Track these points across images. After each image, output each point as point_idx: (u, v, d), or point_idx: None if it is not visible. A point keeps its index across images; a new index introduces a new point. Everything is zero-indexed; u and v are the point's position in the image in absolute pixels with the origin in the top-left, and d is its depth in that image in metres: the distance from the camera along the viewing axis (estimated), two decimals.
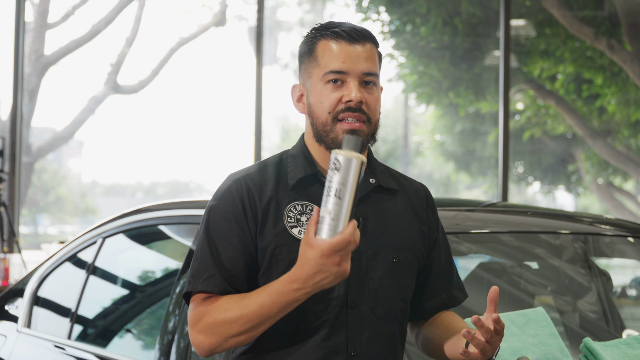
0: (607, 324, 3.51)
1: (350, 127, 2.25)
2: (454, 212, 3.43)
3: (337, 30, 2.28)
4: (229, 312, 2.16)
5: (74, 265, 4.16)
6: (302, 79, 2.34)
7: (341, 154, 2.06)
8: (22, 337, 4.13)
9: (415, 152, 17.80)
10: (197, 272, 2.24)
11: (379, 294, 2.27)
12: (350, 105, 2.25)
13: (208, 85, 14.95)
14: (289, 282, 2.10)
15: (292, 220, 2.25)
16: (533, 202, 17.96)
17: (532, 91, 13.45)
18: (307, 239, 2.06)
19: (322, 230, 2.05)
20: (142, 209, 3.80)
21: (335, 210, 2.04)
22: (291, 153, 2.36)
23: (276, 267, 2.22)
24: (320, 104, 2.27)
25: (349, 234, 2.03)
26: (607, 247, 3.65)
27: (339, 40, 2.27)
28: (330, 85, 2.26)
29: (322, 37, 2.29)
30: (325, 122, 2.27)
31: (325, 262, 2.05)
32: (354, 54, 2.27)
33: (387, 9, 12.71)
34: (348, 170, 2.06)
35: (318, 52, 2.29)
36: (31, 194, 14.38)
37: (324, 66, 2.27)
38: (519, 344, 2.62)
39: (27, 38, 12.34)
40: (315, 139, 2.30)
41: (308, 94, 2.31)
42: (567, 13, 11.53)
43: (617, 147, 13.48)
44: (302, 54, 2.34)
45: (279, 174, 2.31)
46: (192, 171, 16.89)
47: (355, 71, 2.27)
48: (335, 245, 2.03)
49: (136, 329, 3.89)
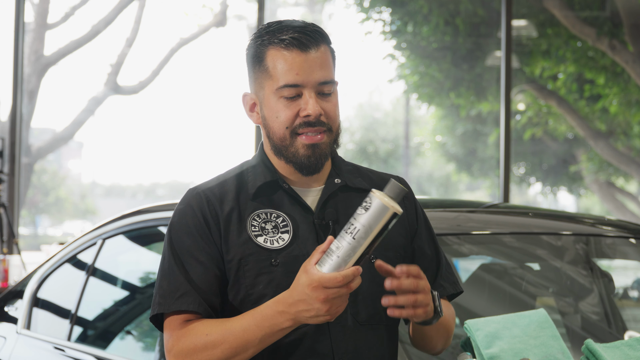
0: (609, 325, 3.50)
1: (311, 141, 2.13)
2: (455, 213, 3.42)
3: (286, 37, 2.13)
4: (210, 336, 2.05)
5: (73, 267, 4.15)
6: (253, 87, 2.20)
7: (378, 198, 1.94)
8: (22, 339, 4.12)
9: (416, 153, 17.79)
10: (167, 292, 2.12)
11: (357, 299, 2.15)
12: (309, 120, 2.12)
13: (208, 85, 14.95)
14: (275, 303, 2.00)
15: (257, 229, 2.15)
16: (534, 203, 17.96)
17: (534, 91, 13.44)
18: (306, 264, 1.95)
19: (325, 264, 1.94)
20: (142, 210, 3.78)
21: (347, 250, 1.93)
22: (251, 164, 2.25)
23: (244, 279, 2.12)
24: (276, 119, 2.14)
25: (345, 276, 1.91)
26: (608, 249, 3.64)
27: (290, 49, 2.12)
28: (285, 99, 2.13)
29: (270, 44, 2.14)
30: (283, 137, 2.14)
31: (310, 294, 1.93)
32: (308, 63, 2.12)
33: (388, 8, 12.71)
34: (378, 217, 1.94)
35: (268, 63, 2.14)
36: (31, 195, 14.37)
37: (276, 79, 2.12)
38: (521, 345, 2.61)
39: (27, 38, 12.33)
40: (274, 152, 2.19)
41: (261, 105, 2.18)
42: (569, 13, 11.52)
43: (618, 147, 13.47)
44: (250, 61, 2.20)
45: (240, 184, 2.20)
46: (193, 172, 16.89)
47: (310, 82, 2.12)
48: (326, 280, 1.91)
49: (136, 331, 3.87)
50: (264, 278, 2.12)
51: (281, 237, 2.15)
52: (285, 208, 2.18)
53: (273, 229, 2.15)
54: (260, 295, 2.11)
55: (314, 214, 2.18)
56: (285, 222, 2.16)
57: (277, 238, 2.14)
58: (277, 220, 2.16)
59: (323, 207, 2.18)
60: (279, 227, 2.16)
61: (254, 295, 2.12)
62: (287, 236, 2.15)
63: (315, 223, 2.17)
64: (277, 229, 2.15)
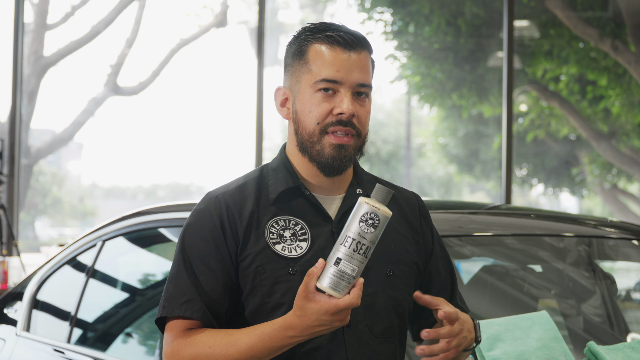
0: (612, 327, 3.50)
1: (339, 141, 2.13)
2: (457, 215, 3.41)
3: (332, 34, 2.15)
4: (213, 349, 2.05)
5: (73, 269, 4.14)
6: (288, 82, 2.21)
7: (380, 211, 1.95)
8: (21, 341, 4.11)
9: (418, 154, 17.78)
10: (172, 296, 2.13)
11: (374, 311, 2.16)
12: (342, 119, 2.12)
13: (209, 86, 14.94)
14: (285, 329, 2.00)
15: (275, 237, 2.14)
16: (537, 204, 17.95)
17: (536, 92, 13.43)
18: (307, 293, 1.95)
19: (336, 285, 1.93)
20: (142, 211, 3.78)
21: (358, 267, 1.94)
22: (271, 166, 2.24)
23: (260, 287, 2.11)
24: (308, 113, 2.14)
25: (357, 297, 1.94)
26: (611, 250, 3.64)
27: (334, 45, 2.14)
28: (321, 94, 2.13)
29: (315, 40, 2.16)
30: (312, 132, 2.15)
31: (329, 319, 1.95)
32: (349, 63, 2.13)
33: (389, 9, 12.70)
34: (382, 228, 1.97)
35: (310, 57, 2.15)
36: (30, 196, 14.36)
37: (315, 73, 2.14)
38: (523, 347, 2.61)
39: (26, 39, 12.32)
40: (299, 149, 2.19)
41: (295, 99, 2.19)
42: (571, 14, 11.51)
43: (621, 149, 13.46)
44: (290, 55, 2.21)
45: (259, 188, 2.20)
46: (193, 173, 16.86)
47: (349, 81, 2.13)
48: (343, 306, 1.93)
49: (136, 333, 3.87)
50: (281, 287, 2.11)
51: (299, 246, 2.14)
52: (305, 215, 2.18)
53: (291, 237, 2.14)
54: (277, 304, 2.11)
55: (333, 223, 2.18)
56: (304, 230, 2.15)
57: (295, 246, 2.14)
58: (295, 227, 2.15)
59: (343, 217, 2.16)
60: (297, 235, 2.15)
61: (270, 303, 2.12)
62: (305, 244, 2.14)
63: (333, 232, 2.17)
64: (295, 236, 2.15)
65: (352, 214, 1.97)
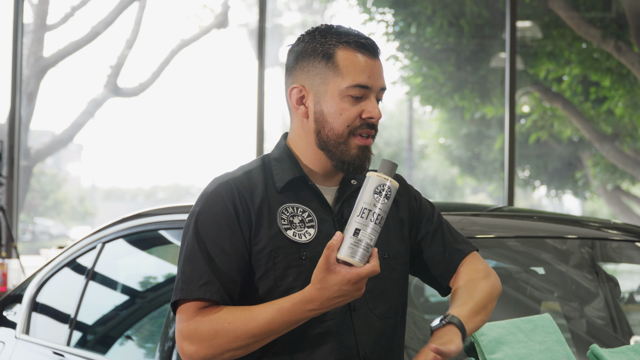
0: (615, 330, 3.50)
1: (364, 143, 2.26)
2: (459, 217, 3.41)
3: (360, 40, 2.26)
4: (232, 324, 2.13)
5: (73, 271, 4.15)
6: (310, 81, 2.28)
7: (391, 182, 2.08)
8: (21, 344, 4.12)
9: (419, 155, 17.79)
10: (190, 279, 2.19)
11: (373, 294, 2.28)
12: (372, 122, 2.25)
13: (209, 88, 14.95)
14: (304, 303, 2.10)
15: (286, 222, 2.24)
16: (539, 206, 17.95)
17: (539, 93, 13.42)
18: (328, 265, 2.05)
19: (357, 254, 2.04)
20: (142, 213, 3.78)
21: (374, 236, 2.06)
22: (274, 157, 2.34)
23: (273, 270, 2.21)
24: (339, 116, 2.24)
25: (377, 264, 2.06)
26: (614, 252, 3.64)
27: (363, 52, 2.26)
28: (351, 97, 2.24)
29: (342, 44, 2.26)
30: (340, 134, 2.25)
31: (350, 289, 2.06)
32: (376, 69, 2.26)
33: (391, 9, 12.70)
34: (393, 198, 2.10)
35: (340, 61, 2.24)
36: (30, 198, 14.37)
37: (349, 78, 2.23)
38: (525, 350, 2.60)
39: (26, 40, 12.34)
40: (318, 145, 2.29)
41: (319, 100, 2.27)
42: (574, 14, 11.51)
43: (625, 150, 13.44)
44: (312, 55, 2.29)
45: (265, 177, 2.30)
46: (194, 175, 16.88)
47: (376, 87, 2.26)
48: (365, 274, 2.05)
49: (136, 336, 3.87)
50: (293, 271, 2.22)
51: (307, 232, 2.25)
52: (310, 204, 2.29)
53: (300, 223, 2.25)
54: (289, 287, 2.21)
55: (334, 212, 2.29)
56: (311, 217, 2.26)
57: (304, 232, 2.24)
58: (303, 215, 2.26)
59: (342, 206, 2.30)
60: (305, 222, 2.26)
61: (282, 286, 2.21)
62: (312, 231, 2.25)
63: (334, 220, 2.28)
64: (303, 223, 2.25)
65: (363, 189, 2.09)
